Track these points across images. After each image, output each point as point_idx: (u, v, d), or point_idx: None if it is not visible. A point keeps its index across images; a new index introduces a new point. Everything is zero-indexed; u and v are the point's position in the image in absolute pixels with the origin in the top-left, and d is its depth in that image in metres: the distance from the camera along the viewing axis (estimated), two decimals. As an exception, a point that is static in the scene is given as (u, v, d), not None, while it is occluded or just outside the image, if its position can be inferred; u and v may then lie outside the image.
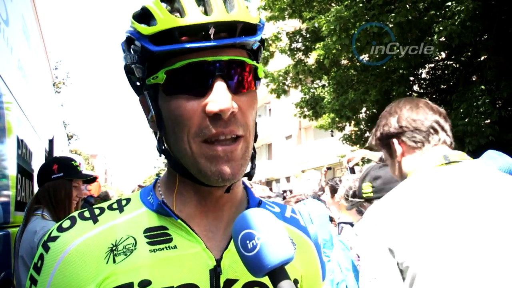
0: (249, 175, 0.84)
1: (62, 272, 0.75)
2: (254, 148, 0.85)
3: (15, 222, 3.13)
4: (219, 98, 0.73)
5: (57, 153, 5.70)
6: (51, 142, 5.53)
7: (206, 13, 0.74)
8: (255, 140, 0.85)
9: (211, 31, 0.73)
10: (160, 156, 0.85)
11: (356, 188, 2.43)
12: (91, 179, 3.08)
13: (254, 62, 0.81)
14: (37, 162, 4.14)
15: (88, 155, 47.16)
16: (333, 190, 3.50)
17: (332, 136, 13.80)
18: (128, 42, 0.81)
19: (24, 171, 3.56)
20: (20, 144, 3.46)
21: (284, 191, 6.18)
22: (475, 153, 2.28)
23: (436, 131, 1.52)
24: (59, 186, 2.69)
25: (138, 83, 0.87)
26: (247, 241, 0.70)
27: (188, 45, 0.73)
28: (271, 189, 6.45)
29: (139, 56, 0.78)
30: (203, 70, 0.75)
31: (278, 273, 0.69)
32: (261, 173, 27.89)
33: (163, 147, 0.83)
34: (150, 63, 0.78)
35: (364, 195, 2.24)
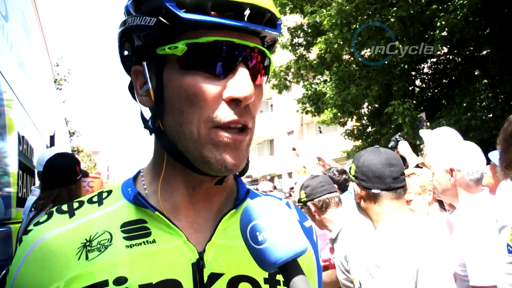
0: (243, 172, 0.78)
1: (28, 266, 0.72)
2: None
3: (16, 218, 3.12)
4: (243, 84, 0.69)
5: (58, 149, 5.69)
6: (52, 138, 5.53)
7: None
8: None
9: (246, 12, 0.68)
10: (151, 134, 0.78)
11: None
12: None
13: (271, 57, 0.77)
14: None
15: (90, 151, 47.22)
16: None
17: (320, 132, 13.77)
18: (139, 3, 0.74)
19: (25, 167, 3.56)
20: (21, 140, 3.46)
21: (291, 188, 5.99)
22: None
23: None
24: (80, 188, 2.82)
25: (127, 52, 0.80)
26: (257, 233, 0.65)
27: (223, 21, 0.67)
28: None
29: (158, 20, 0.70)
30: (229, 52, 0.70)
31: (290, 267, 0.64)
32: (264, 169, 27.89)
33: (157, 125, 0.76)
34: (170, 30, 0.71)
35: (302, 200, 2.71)
